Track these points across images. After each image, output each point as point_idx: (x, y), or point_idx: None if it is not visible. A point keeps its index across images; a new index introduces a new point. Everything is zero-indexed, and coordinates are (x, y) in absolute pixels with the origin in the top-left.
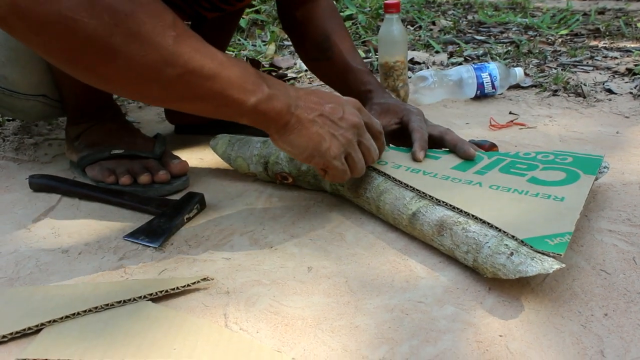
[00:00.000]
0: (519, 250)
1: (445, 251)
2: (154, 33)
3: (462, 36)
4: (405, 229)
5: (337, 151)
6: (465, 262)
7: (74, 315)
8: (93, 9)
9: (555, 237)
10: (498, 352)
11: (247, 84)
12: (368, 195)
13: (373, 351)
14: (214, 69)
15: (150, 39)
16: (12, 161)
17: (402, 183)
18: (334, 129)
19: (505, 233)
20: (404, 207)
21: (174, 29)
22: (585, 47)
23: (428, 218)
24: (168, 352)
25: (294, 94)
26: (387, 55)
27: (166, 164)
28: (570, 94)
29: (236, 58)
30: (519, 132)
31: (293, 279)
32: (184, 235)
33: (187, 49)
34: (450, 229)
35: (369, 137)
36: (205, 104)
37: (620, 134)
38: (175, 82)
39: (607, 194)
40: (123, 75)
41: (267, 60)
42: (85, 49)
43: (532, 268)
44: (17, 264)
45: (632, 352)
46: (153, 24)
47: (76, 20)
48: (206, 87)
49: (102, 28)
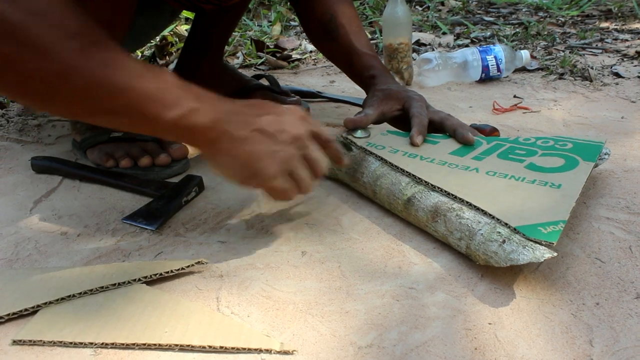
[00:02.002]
0: (512, 238)
1: (439, 237)
2: (50, 44)
3: (471, 17)
4: (400, 214)
5: (275, 169)
6: (458, 248)
7: (70, 297)
8: None
9: (549, 225)
10: (486, 340)
11: (165, 97)
12: (365, 180)
13: (362, 337)
14: (126, 82)
15: (45, 50)
16: (16, 142)
17: (399, 168)
18: (272, 144)
19: (498, 220)
20: (400, 192)
21: (78, 39)
22: (596, 29)
23: (423, 204)
24: (160, 334)
25: (227, 108)
26: (391, 37)
27: (166, 147)
28: (576, 77)
29: (161, 69)
30: (523, 116)
31: (287, 264)
32: (182, 218)
33: (92, 61)
34: (444, 215)
35: (314, 149)
36: (120, 118)
37: (625, 119)
38: (80, 96)
39: (607, 180)
40: (22, 85)
41: (272, 41)
42: None
43: (523, 256)
44: (17, 246)
45: (621, 342)
46: (49, 35)
47: None
48: (117, 100)
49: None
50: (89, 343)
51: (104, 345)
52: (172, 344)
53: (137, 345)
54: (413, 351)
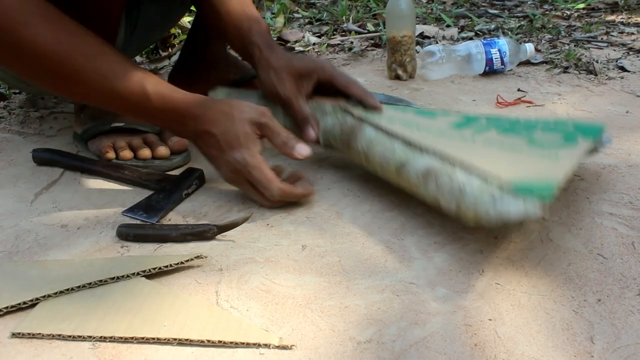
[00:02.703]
0: (503, 197)
1: (430, 201)
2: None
3: (476, 9)
4: (392, 179)
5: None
6: (449, 210)
7: (69, 290)
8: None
9: (543, 185)
10: (486, 336)
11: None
12: (359, 148)
13: (361, 332)
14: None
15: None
16: (18, 134)
17: (394, 134)
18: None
19: (491, 182)
20: (393, 157)
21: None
22: (602, 22)
23: (415, 167)
24: (158, 328)
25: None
26: (394, 30)
27: (165, 140)
28: (581, 71)
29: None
30: (526, 110)
31: (287, 257)
32: (182, 212)
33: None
34: (436, 176)
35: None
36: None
37: (630, 114)
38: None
39: (610, 175)
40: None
41: (275, 33)
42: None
43: (514, 209)
44: (17, 238)
45: (622, 339)
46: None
47: None
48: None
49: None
50: (87, 336)
51: (102, 339)
52: (171, 338)
53: (135, 339)
54: (412, 347)
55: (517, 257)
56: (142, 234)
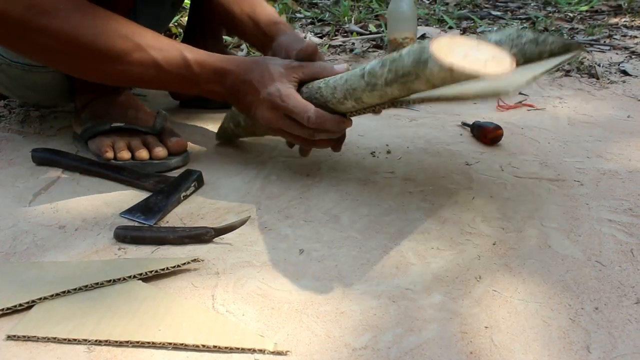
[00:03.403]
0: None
1: (392, 77)
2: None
3: (478, 11)
4: (374, 97)
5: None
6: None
7: (65, 293)
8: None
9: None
10: (482, 344)
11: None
12: (337, 96)
13: (356, 338)
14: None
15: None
16: (18, 133)
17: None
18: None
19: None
20: (358, 79)
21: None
22: (604, 25)
23: (372, 66)
24: (153, 332)
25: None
26: (395, 32)
27: (164, 141)
28: (583, 74)
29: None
30: (527, 113)
31: (284, 262)
32: (180, 213)
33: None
34: (392, 59)
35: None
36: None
37: (631, 118)
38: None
39: (610, 181)
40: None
41: None
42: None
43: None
44: (15, 239)
45: (619, 348)
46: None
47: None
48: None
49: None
50: (83, 340)
51: (97, 342)
52: (166, 342)
53: (130, 342)
54: (407, 354)
55: (514, 263)
56: (139, 236)
